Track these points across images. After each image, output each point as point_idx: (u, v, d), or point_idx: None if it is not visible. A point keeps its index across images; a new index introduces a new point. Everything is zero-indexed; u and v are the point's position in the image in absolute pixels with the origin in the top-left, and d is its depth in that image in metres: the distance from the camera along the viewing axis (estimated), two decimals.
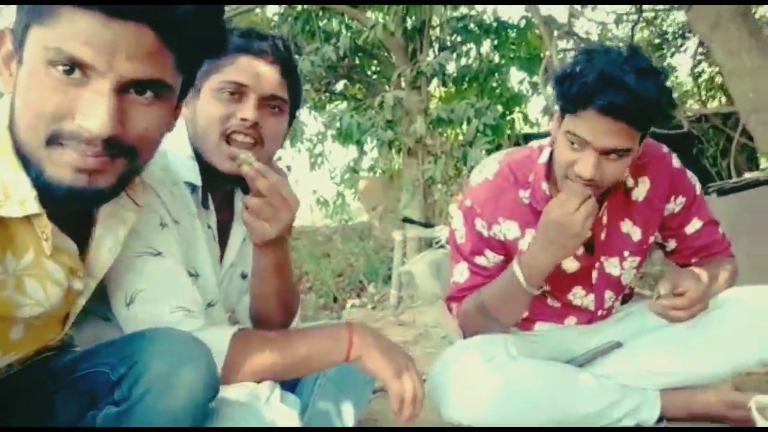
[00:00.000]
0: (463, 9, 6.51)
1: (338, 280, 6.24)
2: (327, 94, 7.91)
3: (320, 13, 6.48)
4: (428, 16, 6.05)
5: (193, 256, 1.21)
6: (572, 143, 1.35)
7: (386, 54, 7.09)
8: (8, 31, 0.84)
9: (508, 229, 1.57)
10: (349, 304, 5.89)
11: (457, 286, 1.63)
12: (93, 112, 0.78)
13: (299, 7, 6.59)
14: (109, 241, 1.00)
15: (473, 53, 6.99)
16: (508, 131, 6.60)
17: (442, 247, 5.31)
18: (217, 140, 1.19)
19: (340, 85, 8.07)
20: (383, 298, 5.57)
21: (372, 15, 6.47)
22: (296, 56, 5.60)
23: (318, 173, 8.44)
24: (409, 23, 6.25)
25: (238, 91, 1.20)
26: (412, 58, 6.13)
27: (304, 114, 7.36)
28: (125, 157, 0.84)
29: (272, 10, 7.33)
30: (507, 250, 1.59)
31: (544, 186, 1.52)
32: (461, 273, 1.63)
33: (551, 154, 1.50)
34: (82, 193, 0.81)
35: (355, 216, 9.14)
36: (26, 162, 0.82)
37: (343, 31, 6.50)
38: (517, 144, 5.05)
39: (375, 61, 7.63)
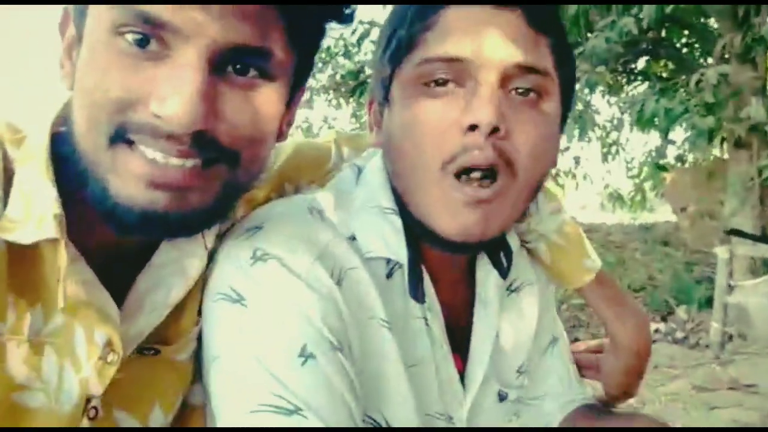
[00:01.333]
0: None
1: (637, 297, 5.35)
2: (625, 74, 6.87)
3: None
4: None
5: (379, 395, 0.75)
6: None
7: (703, 21, 5.80)
8: (72, 10, 0.64)
9: None
10: (651, 328, 4.95)
11: None
12: (173, 93, 0.55)
13: None
14: (157, 298, 0.69)
15: None
16: None
17: None
18: (437, 178, 0.70)
19: (641, 63, 6.96)
20: (698, 328, 4.52)
21: None
22: (587, 34, 4.83)
23: (611, 165, 7.43)
24: None
25: (453, 76, 0.70)
26: (743, 24, 4.80)
27: (595, 98, 6.46)
28: (225, 162, 0.61)
29: None
30: None
31: None
32: None
33: None
34: (162, 220, 0.59)
35: (658, 216, 7.88)
36: (84, 178, 0.60)
37: None
38: None
39: (687, 32, 6.34)
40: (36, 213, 0.61)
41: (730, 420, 2.50)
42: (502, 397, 0.90)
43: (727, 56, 4.99)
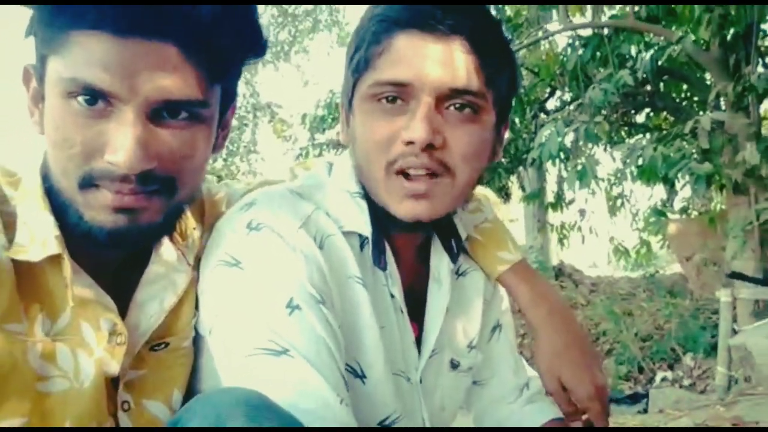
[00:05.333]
0: None
1: (644, 346, 5.31)
2: (626, 127, 6.98)
3: (613, 36, 5.69)
4: (756, 18, 4.82)
5: (357, 345, 0.87)
6: None
7: (699, 74, 5.94)
8: (31, 68, 0.79)
9: None
10: (659, 376, 4.88)
11: None
12: (121, 146, 0.72)
13: (589, 33, 5.91)
14: (153, 307, 0.86)
15: None
16: None
17: None
18: (383, 175, 0.86)
19: (642, 117, 7.08)
20: (705, 375, 4.46)
21: (678, 30, 5.44)
22: (586, 85, 4.97)
23: (617, 218, 7.45)
24: (729, 33, 5.09)
25: (400, 95, 0.84)
26: (735, 73, 4.92)
27: (597, 150, 6.56)
28: (164, 192, 0.78)
29: (562, 41, 6.79)
30: None
31: None
32: None
33: None
34: (126, 235, 0.77)
35: (664, 267, 7.83)
36: (65, 208, 0.77)
37: (643, 51, 5.60)
38: None
39: (685, 86, 6.49)
40: (39, 237, 0.77)
41: None
42: (454, 365, 1.01)
43: (722, 105, 5.09)
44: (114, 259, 0.85)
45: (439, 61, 0.81)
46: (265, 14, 12.81)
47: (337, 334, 0.81)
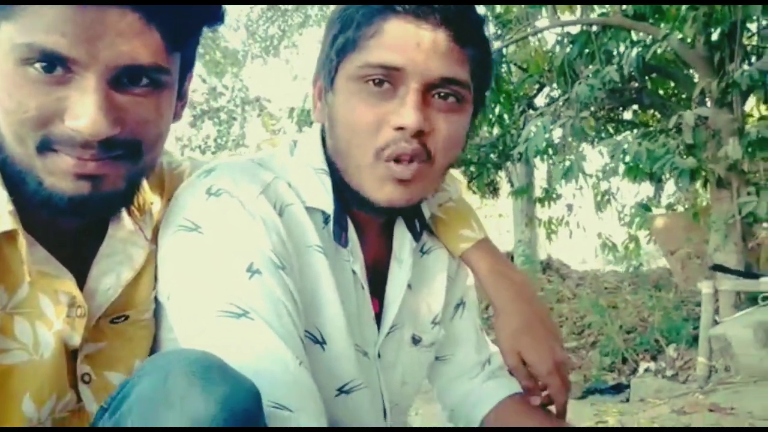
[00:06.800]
0: None
1: (628, 337, 5.38)
2: (613, 123, 7.06)
3: (600, 33, 5.75)
4: (739, 17, 4.90)
5: (317, 312, 0.89)
6: None
7: (684, 71, 6.02)
8: None
9: None
10: (642, 367, 4.95)
11: None
12: (82, 112, 0.71)
13: (577, 29, 5.97)
14: (109, 280, 0.85)
15: None
16: None
17: None
18: (371, 161, 0.86)
19: (629, 113, 7.16)
20: (687, 366, 4.54)
21: (664, 27, 5.51)
22: (574, 81, 5.00)
23: (604, 213, 7.52)
24: (714, 35, 5.17)
25: (389, 79, 0.85)
26: (719, 70, 5.00)
27: (585, 146, 6.62)
28: (129, 157, 0.77)
29: (551, 38, 6.85)
30: None
31: None
32: None
33: None
34: (88, 202, 0.75)
35: (649, 261, 7.92)
36: (23, 176, 0.75)
37: (629, 48, 5.66)
38: None
39: (672, 83, 6.57)
40: None
41: None
42: (415, 341, 1.03)
43: (707, 101, 5.16)
44: (72, 229, 0.84)
45: (431, 49, 0.83)
46: (255, 9, 12.79)
47: (296, 300, 0.82)
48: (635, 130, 6.84)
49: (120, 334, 0.87)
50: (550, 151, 6.33)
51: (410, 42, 0.83)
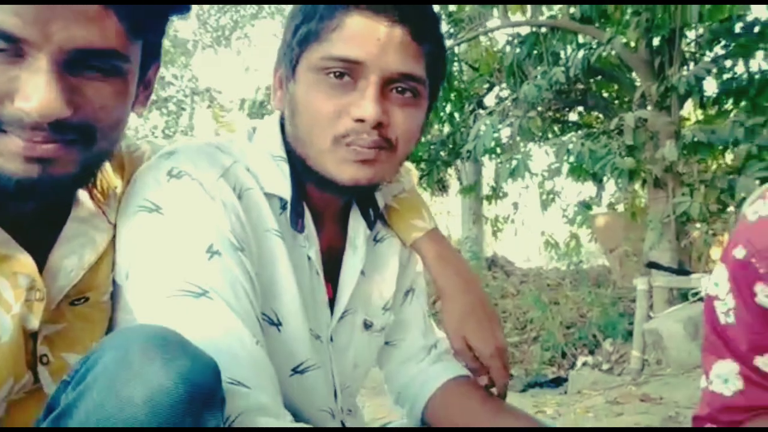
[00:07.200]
0: (727, 12, 5.40)
1: (567, 332, 5.54)
2: (559, 124, 7.24)
3: (548, 35, 5.90)
4: (678, 24, 5.10)
5: (273, 294, 0.91)
6: None
7: (627, 75, 6.23)
8: None
9: None
10: (580, 361, 5.11)
11: (720, 401, 0.96)
12: (33, 93, 0.70)
13: (527, 30, 6.10)
14: (71, 263, 0.84)
15: (740, 67, 5.77)
16: None
17: (701, 299, 4.34)
18: (329, 146, 0.89)
19: (574, 115, 7.36)
20: (622, 359, 4.70)
21: (609, 31, 5.68)
22: (522, 82, 5.10)
23: (549, 212, 7.72)
24: (655, 38, 5.36)
25: (349, 72, 0.88)
26: (659, 74, 5.19)
27: (531, 146, 6.77)
28: (82, 142, 0.76)
29: (501, 38, 6.98)
30: None
31: None
32: (727, 379, 0.95)
33: None
34: (37, 185, 0.74)
35: (590, 259, 8.17)
36: None
37: (576, 50, 5.82)
38: None
39: (615, 86, 6.78)
40: None
41: (633, 423, 2.64)
42: (367, 326, 1.06)
43: (647, 104, 5.36)
44: (29, 213, 0.83)
45: (390, 45, 0.86)
46: None
47: (253, 281, 0.85)
48: (579, 131, 7.04)
49: (79, 316, 0.87)
50: (498, 150, 6.46)
51: (371, 37, 0.86)
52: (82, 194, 0.87)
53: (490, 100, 7.56)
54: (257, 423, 0.73)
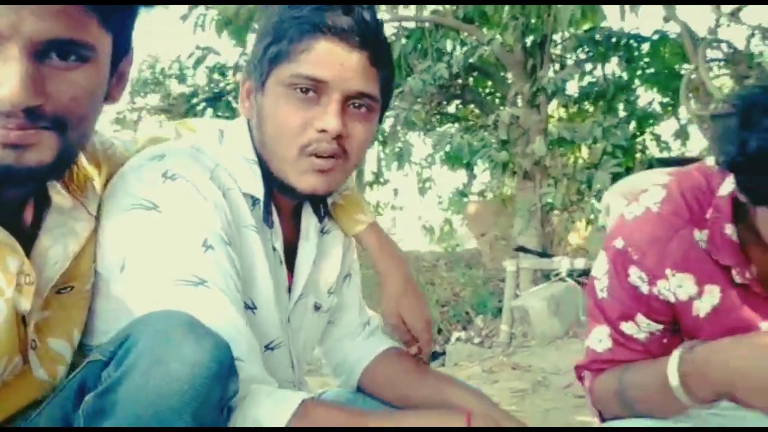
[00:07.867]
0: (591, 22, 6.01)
1: (443, 311, 5.93)
2: (438, 116, 7.64)
3: (433, 31, 6.22)
4: (549, 30, 5.61)
5: (250, 283, 1.03)
6: None
7: (502, 73, 6.72)
8: None
9: (679, 286, 1.10)
10: (454, 336, 5.52)
11: (593, 355, 1.21)
12: (4, 80, 0.71)
13: (412, 25, 6.38)
14: (56, 253, 0.87)
15: (598, 72, 6.46)
16: (638, 154, 5.98)
17: (561, 280, 4.89)
18: (295, 155, 1.01)
19: (452, 108, 7.79)
20: (492, 333, 5.16)
21: (489, 32, 6.11)
22: (408, 74, 5.32)
23: (426, 199, 8.14)
24: (529, 41, 5.85)
25: (314, 89, 0.99)
26: (531, 75, 5.69)
27: (412, 136, 7.11)
28: (55, 130, 0.77)
29: (389, 31, 7.20)
30: (672, 315, 1.13)
31: (729, 229, 1.06)
32: (600, 339, 1.20)
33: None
34: (12, 172, 0.75)
35: (463, 243, 8.73)
36: None
37: (457, 48, 6.19)
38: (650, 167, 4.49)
39: (490, 82, 7.28)
40: None
41: (509, 388, 3.00)
42: (317, 307, 1.20)
43: (519, 102, 5.84)
44: (10, 201, 0.84)
45: (352, 68, 0.99)
46: None
47: (239, 272, 0.96)
48: (457, 123, 7.49)
49: (63, 304, 0.91)
50: (381, 138, 6.74)
51: (335, 60, 0.99)
52: (60, 186, 0.89)
53: None
54: (251, 390, 0.87)
